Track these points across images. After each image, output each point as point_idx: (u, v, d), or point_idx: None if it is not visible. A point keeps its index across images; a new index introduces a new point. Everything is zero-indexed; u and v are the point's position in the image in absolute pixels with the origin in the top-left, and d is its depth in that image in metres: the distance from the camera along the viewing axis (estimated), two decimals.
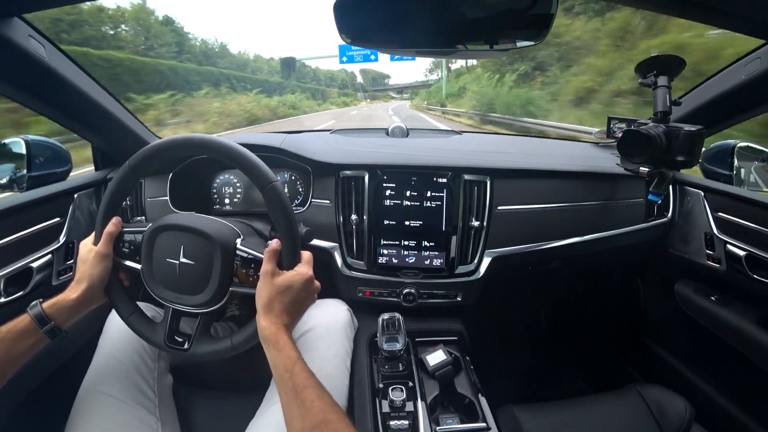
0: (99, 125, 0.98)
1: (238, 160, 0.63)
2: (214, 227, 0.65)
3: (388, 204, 0.99)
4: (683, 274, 1.08)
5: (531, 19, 0.60)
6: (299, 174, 1.09)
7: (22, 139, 0.92)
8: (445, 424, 0.74)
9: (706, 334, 0.97)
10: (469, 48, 0.67)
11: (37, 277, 0.81)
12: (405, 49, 0.70)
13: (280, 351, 0.55)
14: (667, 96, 0.82)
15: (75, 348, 0.90)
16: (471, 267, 0.99)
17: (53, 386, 0.85)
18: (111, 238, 0.66)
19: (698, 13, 0.67)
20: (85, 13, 13.64)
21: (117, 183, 0.68)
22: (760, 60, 0.78)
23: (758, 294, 0.83)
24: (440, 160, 1.01)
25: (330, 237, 1.00)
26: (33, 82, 0.77)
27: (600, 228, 1.04)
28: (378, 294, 1.01)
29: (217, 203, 1.13)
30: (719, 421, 0.94)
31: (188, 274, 0.63)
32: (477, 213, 0.98)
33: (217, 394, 0.84)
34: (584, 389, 0.89)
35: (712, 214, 0.94)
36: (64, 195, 0.93)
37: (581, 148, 1.27)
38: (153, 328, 0.67)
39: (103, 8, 15.23)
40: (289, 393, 0.52)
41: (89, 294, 0.64)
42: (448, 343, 0.93)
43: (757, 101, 0.88)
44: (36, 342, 0.59)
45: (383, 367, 0.86)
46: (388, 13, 0.62)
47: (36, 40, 0.71)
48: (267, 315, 0.58)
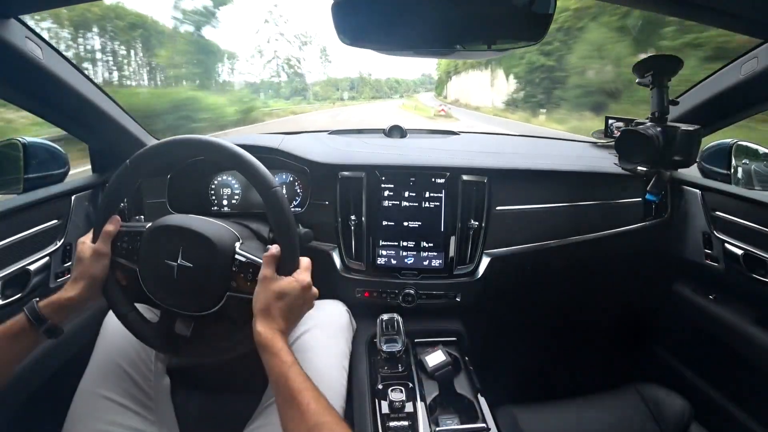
0: (97, 127, 0.97)
1: (239, 163, 0.63)
2: (214, 230, 0.65)
3: (386, 205, 0.99)
4: (681, 274, 1.08)
5: (529, 20, 0.60)
6: (298, 175, 1.09)
7: (19, 141, 0.91)
8: (445, 425, 0.74)
9: (705, 333, 0.97)
10: (467, 48, 0.67)
11: (34, 280, 0.81)
12: (403, 50, 0.70)
13: (276, 356, 0.55)
14: (664, 96, 0.82)
15: (73, 350, 0.90)
16: (470, 267, 0.99)
17: (51, 388, 0.85)
18: (109, 236, 0.66)
19: (696, 13, 0.68)
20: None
21: (116, 182, 0.67)
22: (757, 59, 0.78)
23: (756, 293, 0.84)
24: (438, 160, 1.01)
25: (328, 238, 1.00)
26: (30, 84, 0.77)
27: (598, 228, 1.04)
28: (377, 295, 1.00)
29: (215, 204, 1.12)
30: (718, 419, 0.94)
31: (186, 277, 0.63)
32: (475, 213, 0.98)
33: (215, 396, 0.84)
34: (583, 389, 0.89)
35: (710, 214, 0.94)
36: (62, 197, 0.92)
37: (579, 147, 1.27)
38: (148, 328, 0.67)
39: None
40: (284, 397, 0.52)
41: (86, 292, 0.63)
42: (448, 343, 0.93)
43: (754, 100, 0.88)
44: (33, 341, 0.59)
45: (382, 368, 0.86)
46: (386, 14, 0.62)
47: (33, 41, 0.71)
48: (263, 320, 0.58)
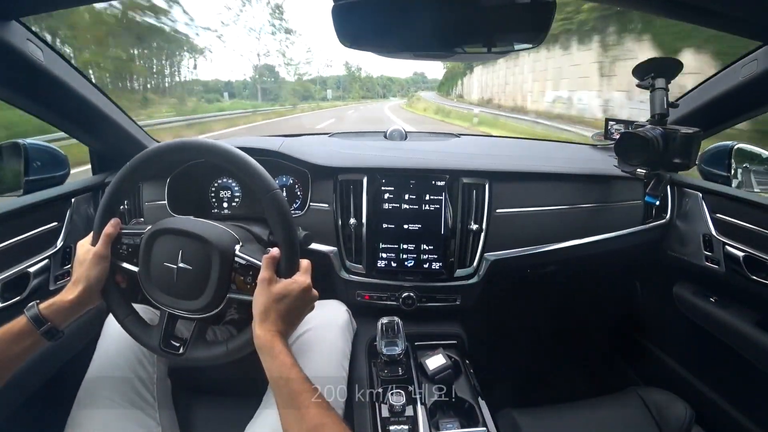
0: (97, 129, 0.97)
1: (238, 166, 0.62)
2: (214, 233, 0.64)
3: (386, 207, 0.99)
4: (682, 276, 1.08)
5: (529, 22, 0.60)
6: (298, 177, 1.09)
7: (20, 143, 0.91)
8: (445, 429, 0.73)
9: (706, 336, 0.97)
10: (467, 51, 0.67)
11: (34, 282, 0.80)
12: (403, 52, 0.70)
13: (275, 358, 0.55)
14: (664, 98, 0.83)
15: (74, 352, 0.89)
16: (470, 270, 0.98)
17: (52, 389, 0.85)
18: (109, 239, 0.66)
19: (696, 16, 0.68)
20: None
21: (117, 184, 0.67)
22: (756, 62, 0.78)
23: (757, 295, 0.83)
24: (438, 163, 1.01)
25: (329, 241, 1.00)
26: (31, 86, 0.77)
27: (598, 230, 1.04)
28: (377, 298, 1.00)
29: (215, 207, 1.12)
30: (719, 423, 0.94)
31: (185, 279, 0.62)
32: (475, 216, 0.98)
33: (216, 398, 0.83)
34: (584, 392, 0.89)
35: (711, 216, 0.94)
36: (62, 199, 0.92)
37: (579, 150, 1.27)
38: (148, 331, 0.67)
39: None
40: (284, 399, 0.53)
41: (86, 295, 0.63)
42: (448, 346, 0.93)
43: (754, 103, 0.88)
44: (33, 343, 0.59)
45: (382, 371, 0.85)
46: (386, 17, 0.62)
47: (34, 43, 0.71)
48: (262, 323, 0.58)
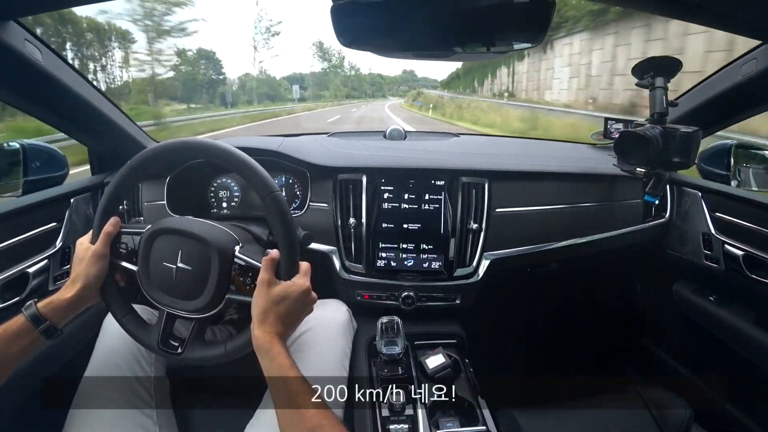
0: (96, 129, 0.97)
1: (239, 166, 0.62)
2: (213, 233, 0.64)
3: (386, 207, 0.99)
4: (681, 275, 1.08)
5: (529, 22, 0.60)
6: (297, 177, 1.09)
7: (18, 144, 0.91)
8: (445, 428, 0.73)
9: (705, 335, 0.97)
10: (467, 50, 0.67)
11: (33, 282, 0.80)
12: (402, 52, 0.70)
13: (274, 360, 0.55)
14: (663, 97, 0.83)
15: (72, 351, 0.89)
16: (469, 269, 0.98)
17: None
18: (109, 237, 0.66)
19: (695, 14, 0.68)
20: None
21: (117, 183, 0.67)
22: (756, 61, 0.78)
23: (756, 294, 0.84)
24: (438, 162, 1.01)
25: (328, 240, 1.00)
26: (30, 86, 0.77)
27: (598, 229, 1.04)
28: (377, 297, 1.00)
29: (214, 207, 1.12)
30: (719, 421, 0.94)
31: (185, 279, 0.62)
32: (475, 215, 0.97)
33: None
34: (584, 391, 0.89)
35: (710, 215, 0.94)
36: (61, 199, 0.92)
37: (579, 149, 1.27)
38: (147, 330, 0.67)
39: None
40: (282, 400, 0.53)
41: (84, 293, 0.63)
42: (448, 346, 0.93)
43: (753, 102, 0.88)
44: (31, 342, 0.59)
45: (382, 370, 0.85)
46: (385, 17, 0.61)
47: (32, 44, 0.70)
48: (261, 324, 0.58)
